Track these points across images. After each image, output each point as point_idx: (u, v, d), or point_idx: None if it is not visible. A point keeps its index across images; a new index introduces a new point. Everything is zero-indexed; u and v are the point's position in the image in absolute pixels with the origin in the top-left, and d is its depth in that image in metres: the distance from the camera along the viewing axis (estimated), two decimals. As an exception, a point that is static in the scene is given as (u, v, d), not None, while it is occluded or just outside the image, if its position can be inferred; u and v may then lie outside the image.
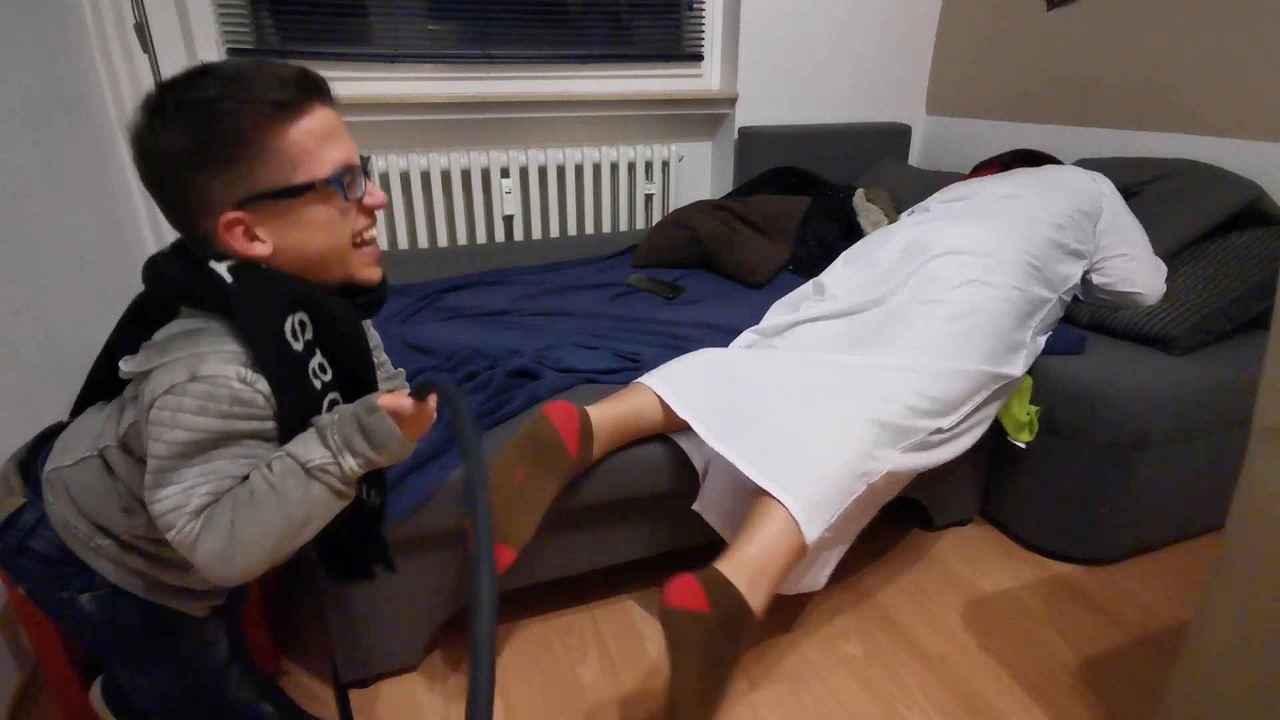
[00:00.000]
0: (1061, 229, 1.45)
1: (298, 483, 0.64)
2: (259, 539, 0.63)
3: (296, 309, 0.66)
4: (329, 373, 0.71)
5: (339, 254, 0.70)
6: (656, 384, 1.19)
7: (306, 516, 0.65)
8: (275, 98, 0.62)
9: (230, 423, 0.63)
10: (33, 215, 1.33)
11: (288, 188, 0.64)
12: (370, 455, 0.66)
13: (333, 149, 0.67)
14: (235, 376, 0.62)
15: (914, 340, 1.25)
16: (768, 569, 0.98)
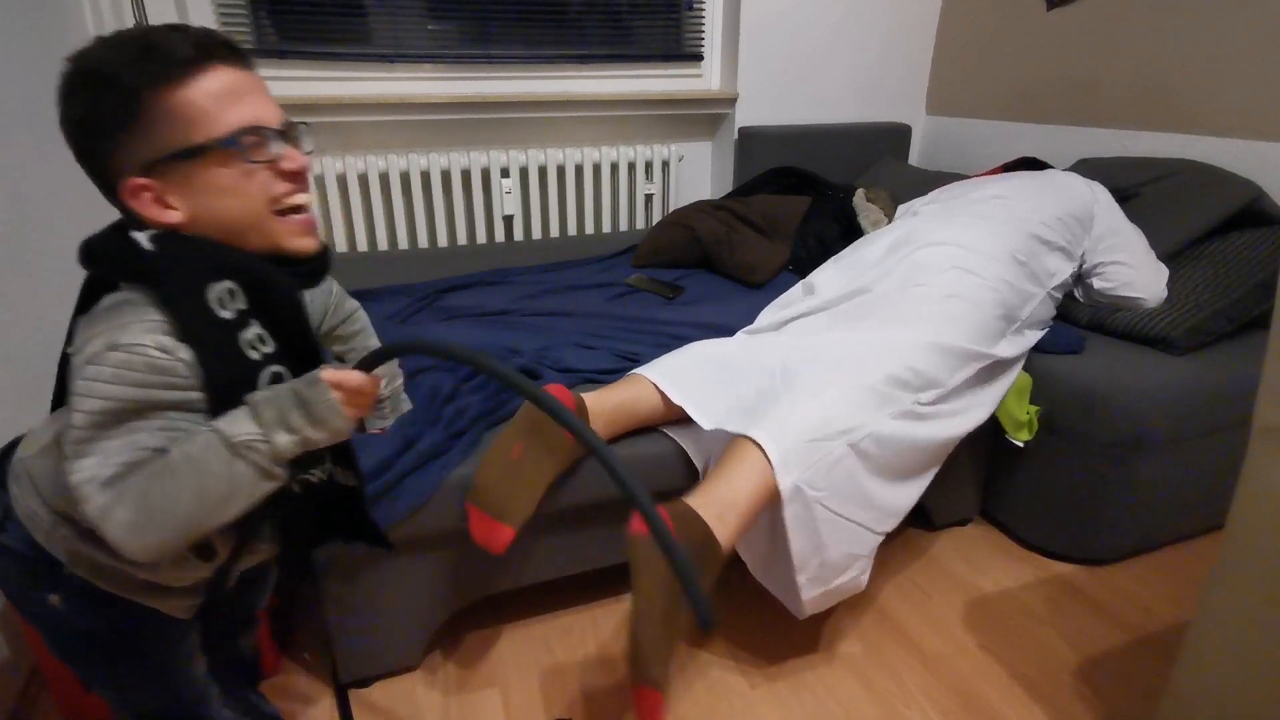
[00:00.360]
0: (1049, 227, 1.46)
1: (219, 458, 0.61)
2: (171, 512, 0.60)
3: (222, 276, 0.64)
4: (270, 344, 0.68)
5: (255, 220, 0.67)
6: (652, 373, 1.20)
7: (226, 494, 0.62)
8: (166, 59, 0.61)
9: (148, 392, 0.61)
10: (33, 215, 1.33)
11: (183, 149, 0.62)
12: (306, 431, 0.64)
13: (235, 109, 0.64)
14: (153, 344, 0.60)
15: (896, 317, 1.27)
16: (736, 504, 0.99)
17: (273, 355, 0.68)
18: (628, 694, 1.16)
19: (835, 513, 1.09)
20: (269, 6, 1.94)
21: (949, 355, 1.25)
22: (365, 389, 0.68)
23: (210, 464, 0.61)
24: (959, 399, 1.29)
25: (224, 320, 0.64)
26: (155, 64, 0.61)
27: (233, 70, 0.65)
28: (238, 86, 0.64)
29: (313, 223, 0.71)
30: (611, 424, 1.16)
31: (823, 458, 1.06)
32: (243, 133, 0.64)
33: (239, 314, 0.66)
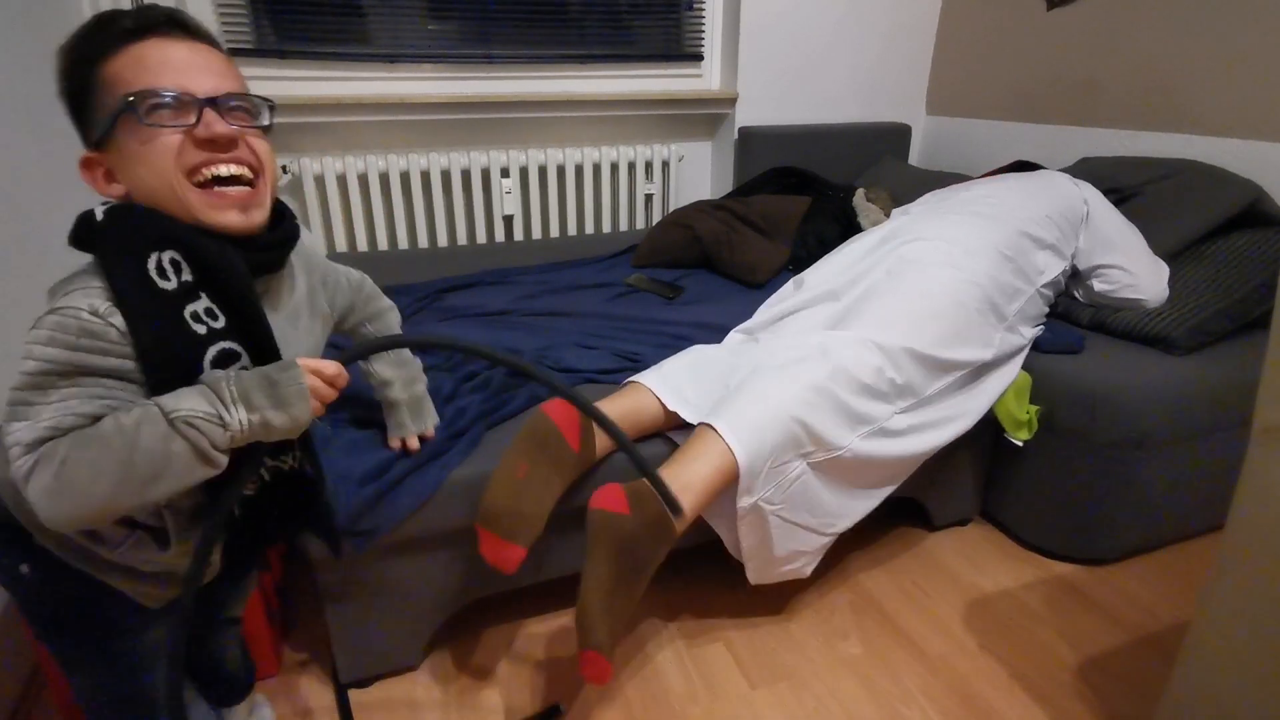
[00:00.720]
0: (1037, 225, 1.47)
1: (154, 433, 0.59)
2: (91, 483, 0.58)
3: (164, 246, 0.64)
4: (220, 319, 0.67)
5: (167, 191, 0.65)
6: (649, 380, 1.21)
7: (154, 473, 0.60)
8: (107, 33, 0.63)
9: (79, 355, 0.60)
10: (33, 215, 1.33)
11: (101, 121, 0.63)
12: (268, 413, 0.62)
13: (152, 76, 0.63)
14: (86, 308, 0.60)
15: (877, 319, 1.27)
16: (692, 485, 1.05)
17: (222, 331, 0.67)
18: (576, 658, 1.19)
19: (787, 520, 1.17)
20: (269, 6, 1.94)
21: (927, 363, 1.26)
22: (338, 381, 0.68)
23: (143, 438, 0.59)
24: (939, 407, 1.30)
25: (164, 290, 0.64)
26: (95, 40, 0.63)
27: (170, 41, 0.65)
28: (167, 57, 0.64)
29: (239, 197, 0.68)
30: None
31: (776, 437, 1.11)
32: (139, 92, 0.62)
33: (184, 285, 0.65)
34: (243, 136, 0.68)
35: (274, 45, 1.97)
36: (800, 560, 1.24)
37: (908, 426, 1.25)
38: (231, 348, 0.67)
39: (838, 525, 1.25)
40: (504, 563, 1.00)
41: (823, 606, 1.34)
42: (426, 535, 1.09)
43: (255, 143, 0.69)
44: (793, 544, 1.21)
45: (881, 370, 1.21)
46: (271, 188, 0.72)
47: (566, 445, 1.07)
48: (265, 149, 0.71)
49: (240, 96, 0.68)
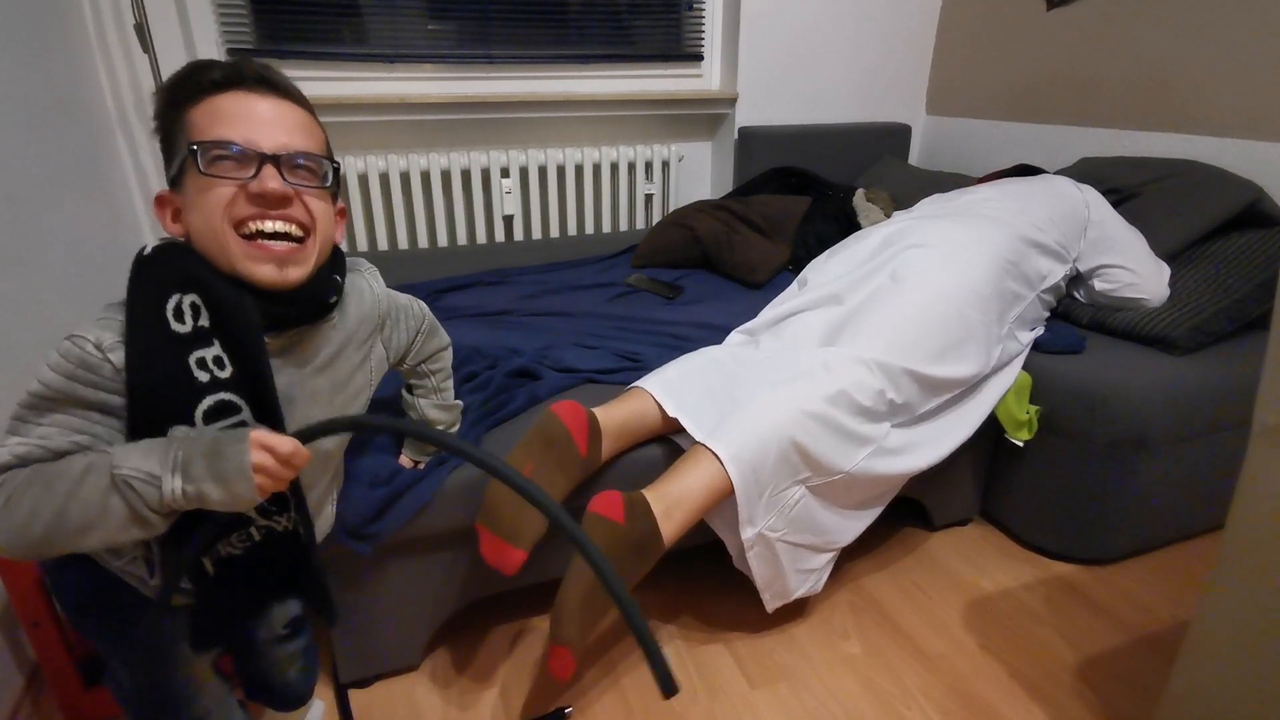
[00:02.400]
0: (1040, 230, 1.46)
1: (97, 486, 0.59)
2: (25, 524, 0.59)
3: (186, 288, 0.65)
4: (227, 369, 0.66)
5: (213, 236, 0.66)
6: (652, 386, 1.20)
7: (87, 523, 0.59)
8: (195, 83, 0.66)
9: (73, 385, 0.61)
10: (33, 215, 1.33)
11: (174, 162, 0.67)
12: (204, 485, 0.60)
13: (224, 127, 0.65)
14: (92, 339, 0.62)
15: (879, 334, 1.26)
16: (684, 503, 1.06)
17: (226, 381, 0.66)
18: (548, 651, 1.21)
19: (793, 543, 1.19)
20: (269, 6, 1.94)
21: (927, 383, 1.26)
22: (293, 460, 0.63)
23: (85, 488, 0.59)
24: (936, 422, 1.31)
25: (175, 333, 0.64)
26: (185, 87, 0.66)
27: (251, 96, 0.66)
28: (243, 110, 0.66)
29: (280, 252, 0.68)
30: (619, 439, 1.16)
31: (770, 456, 1.11)
32: (204, 143, 0.64)
33: (198, 330, 0.65)
34: (298, 195, 0.68)
35: (274, 45, 1.97)
36: (812, 579, 1.26)
37: (905, 443, 1.26)
38: (231, 400, 0.67)
39: (842, 540, 1.26)
40: (504, 565, 1.00)
41: (823, 606, 1.34)
42: (427, 536, 1.09)
43: (312, 202, 0.70)
44: (802, 564, 1.23)
45: (883, 392, 1.21)
46: (324, 246, 0.72)
47: (575, 448, 1.07)
48: (322, 209, 0.71)
49: (307, 156, 0.69)
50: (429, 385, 1.04)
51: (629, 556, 1.01)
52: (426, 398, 1.05)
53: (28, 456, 0.61)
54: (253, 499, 0.62)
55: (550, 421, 1.06)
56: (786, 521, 1.17)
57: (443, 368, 1.05)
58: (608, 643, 1.27)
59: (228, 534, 0.73)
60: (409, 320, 0.95)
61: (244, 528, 0.73)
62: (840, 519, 1.25)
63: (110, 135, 1.79)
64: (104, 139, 1.75)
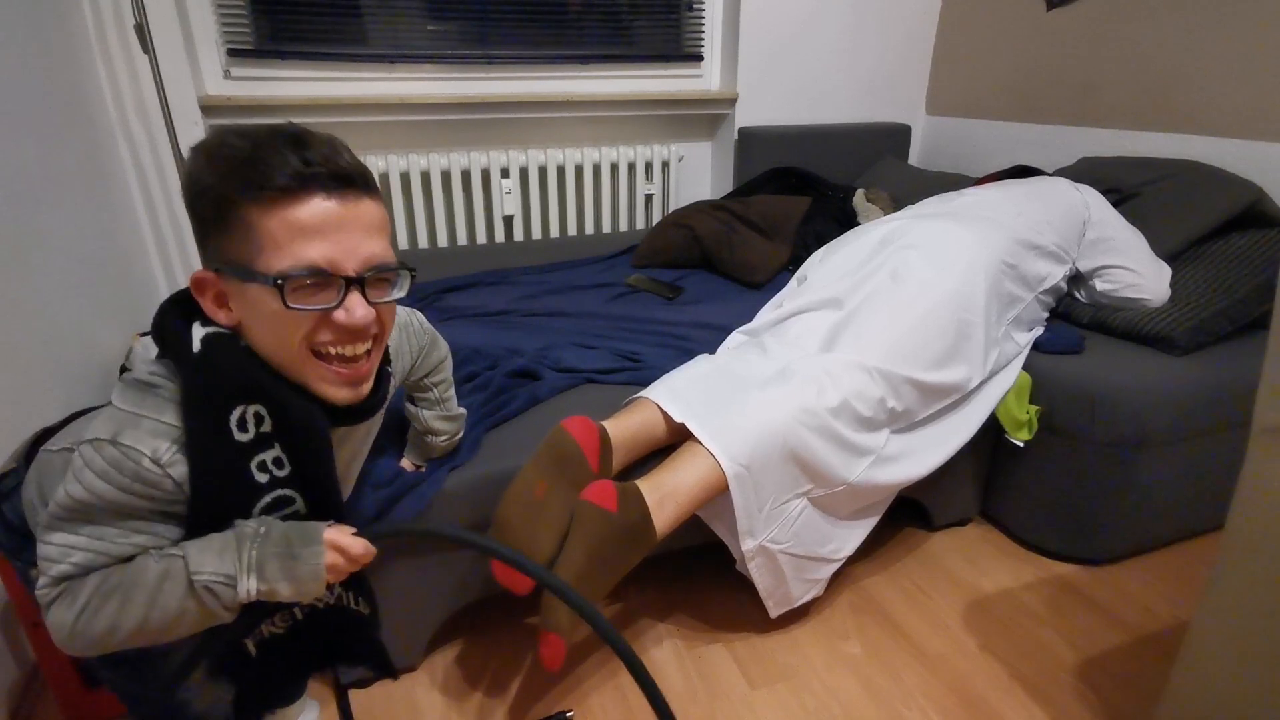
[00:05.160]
0: (1038, 232, 1.46)
1: (175, 590, 0.60)
2: (107, 634, 0.60)
3: (251, 399, 0.63)
4: (285, 469, 0.66)
5: (289, 359, 0.64)
6: (658, 396, 1.20)
7: (166, 627, 0.61)
8: (262, 179, 0.58)
9: (129, 498, 0.60)
10: (33, 215, 1.33)
11: (243, 270, 0.60)
12: (278, 585, 0.62)
13: (307, 247, 0.60)
14: (150, 454, 0.59)
15: (876, 339, 1.26)
16: (677, 495, 1.07)
17: (285, 479, 0.66)
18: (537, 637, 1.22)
19: (796, 555, 1.20)
20: (269, 6, 1.94)
21: (926, 390, 1.26)
22: (363, 560, 0.65)
23: (163, 596, 0.60)
24: (936, 426, 1.31)
25: (239, 443, 0.63)
26: (250, 180, 0.58)
27: (328, 202, 0.60)
28: (324, 221, 0.60)
29: (355, 375, 0.67)
30: (629, 452, 1.16)
31: (766, 455, 1.12)
32: (291, 275, 0.59)
33: (260, 436, 0.64)
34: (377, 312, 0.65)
35: (274, 45, 1.97)
36: (816, 586, 1.27)
37: (904, 449, 1.26)
38: (287, 495, 0.67)
39: (845, 550, 1.27)
40: (516, 585, 0.99)
41: (823, 607, 1.34)
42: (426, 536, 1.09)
43: (384, 313, 0.67)
44: (806, 574, 1.24)
45: (883, 401, 1.21)
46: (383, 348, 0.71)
47: (587, 465, 1.06)
48: (390, 314, 0.68)
49: (386, 268, 0.64)
50: (432, 397, 1.04)
51: (620, 545, 1.01)
52: (431, 409, 1.04)
53: (90, 565, 0.59)
54: (321, 594, 0.64)
55: (562, 438, 1.05)
56: (790, 534, 1.18)
57: (445, 378, 1.04)
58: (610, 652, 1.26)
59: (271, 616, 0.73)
60: (411, 340, 0.94)
61: (288, 608, 0.73)
62: (842, 529, 1.26)
63: (110, 135, 1.79)
64: (104, 139, 1.75)
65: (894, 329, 1.27)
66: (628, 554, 1.03)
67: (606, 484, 1.03)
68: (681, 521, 1.08)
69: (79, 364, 1.42)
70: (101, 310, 1.56)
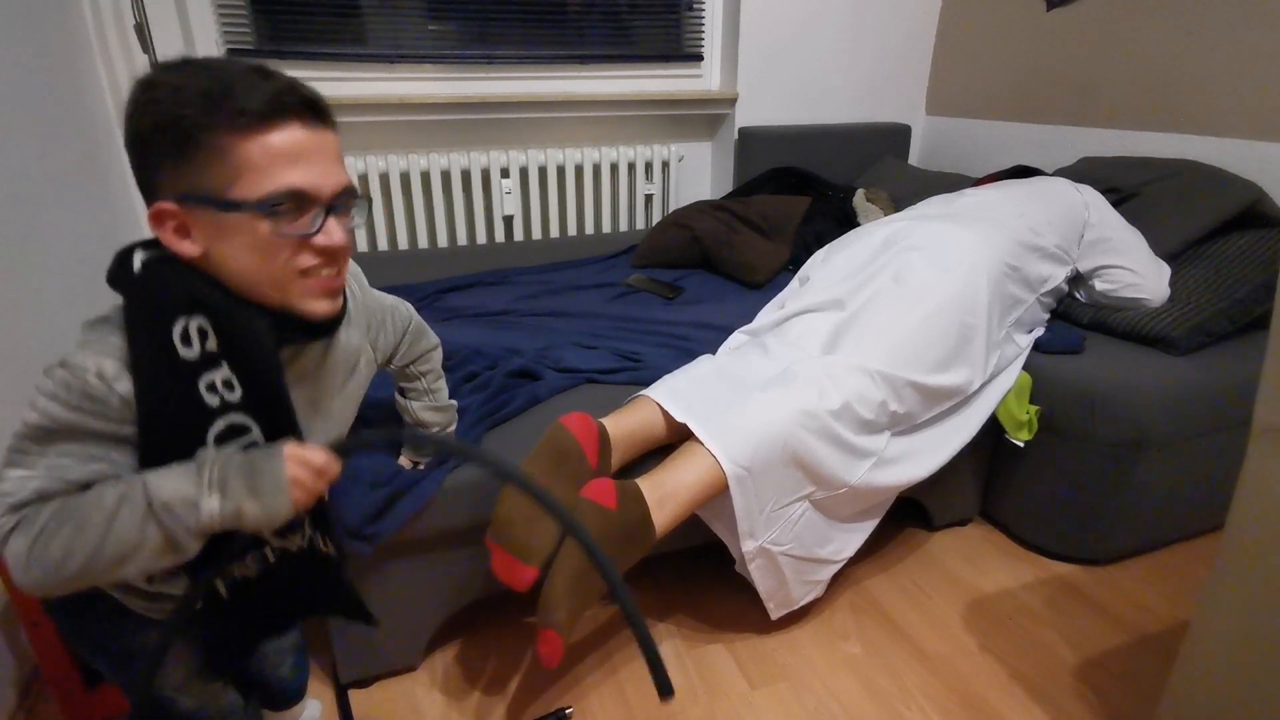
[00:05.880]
0: (1038, 234, 1.46)
1: (133, 516, 0.59)
2: (62, 559, 0.58)
3: (194, 312, 0.62)
4: (236, 391, 0.65)
5: (271, 281, 0.64)
6: (659, 395, 1.20)
7: (123, 556, 0.59)
8: (237, 105, 0.58)
9: (79, 416, 0.59)
10: (33, 215, 1.33)
11: (219, 199, 0.60)
12: (242, 501, 0.60)
13: (287, 172, 0.60)
14: (94, 370, 0.59)
15: (878, 341, 1.26)
16: (677, 494, 1.07)
17: (235, 404, 0.65)
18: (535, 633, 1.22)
19: (798, 557, 1.20)
20: (269, 6, 1.94)
21: (928, 393, 1.26)
22: (327, 472, 0.64)
23: (120, 521, 0.58)
24: (936, 427, 1.31)
25: (184, 359, 0.62)
26: (223, 108, 0.58)
27: (302, 129, 0.61)
28: (300, 148, 0.61)
29: (335, 286, 0.68)
30: (628, 449, 1.16)
31: (766, 457, 1.12)
32: (282, 199, 0.60)
33: (206, 354, 0.63)
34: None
35: (273, 45, 1.97)
36: (816, 588, 1.28)
37: (905, 451, 1.26)
38: (242, 422, 0.66)
39: (845, 551, 1.27)
40: (516, 582, 0.99)
41: (823, 606, 1.34)
42: (427, 536, 1.09)
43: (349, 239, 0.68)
44: (806, 575, 1.25)
45: (885, 404, 1.21)
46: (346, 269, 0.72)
47: (585, 461, 1.06)
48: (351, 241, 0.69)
49: (350, 193, 0.66)
50: (420, 387, 1.03)
51: (620, 543, 1.01)
52: (419, 400, 1.04)
53: (46, 491, 0.59)
54: (288, 513, 0.62)
55: (560, 435, 1.05)
56: (791, 536, 1.18)
57: (433, 369, 1.04)
58: (607, 642, 1.27)
59: (242, 556, 0.72)
60: (395, 321, 0.95)
61: (258, 549, 0.72)
62: (843, 530, 1.26)
63: (110, 135, 1.79)
64: (104, 139, 1.75)
65: (896, 331, 1.26)
66: (627, 553, 1.03)
67: (606, 482, 1.02)
68: (681, 521, 1.08)
69: (79, 364, 1.42)
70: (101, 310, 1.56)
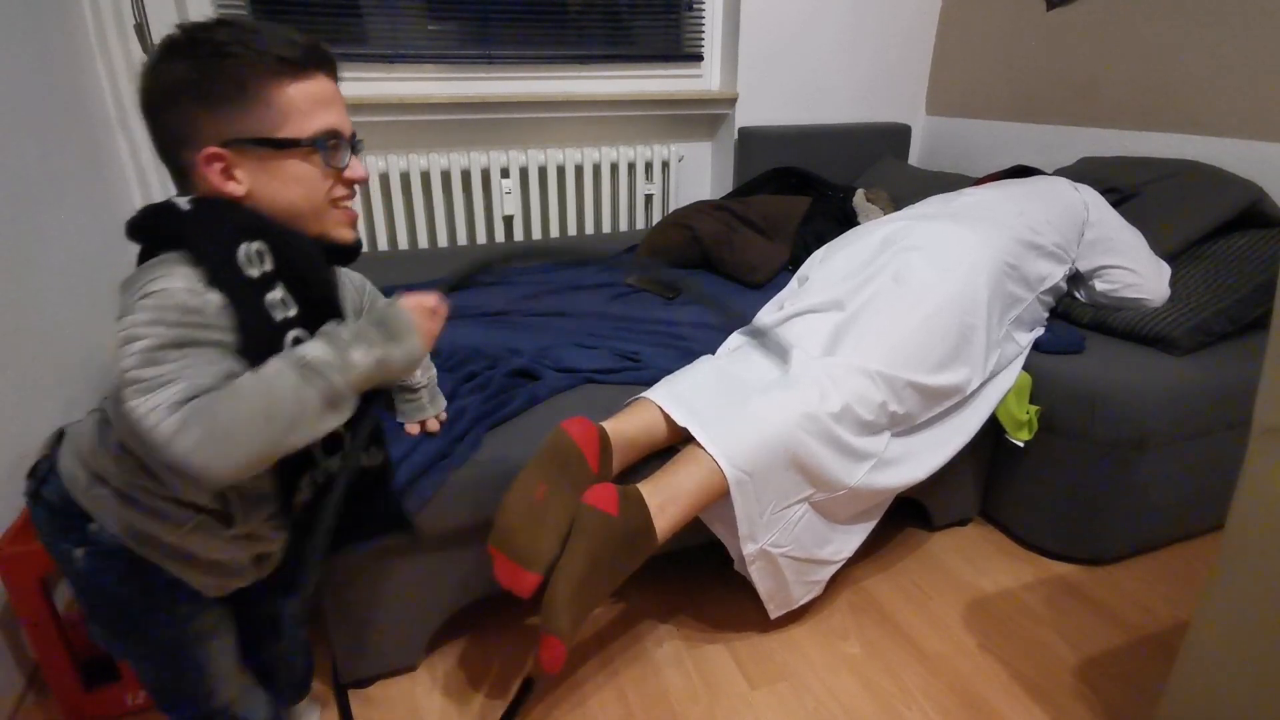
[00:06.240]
0: (1038, 232, 1.46)
1: (288, 382, 0.63)
2: (242, 432, 0.60)
3: (253, 236, 0.67)
4: (293, 309, 0.69)
5: (313, 211, 0.72)
6: (660, 398, 1.20)
7: (292, 421, 0.63)
8: (279, 54, 0.66)
9: (186, 330, 0.61)
10: (33, 215, 1.33)
11: (271, 139, 0.67)
12: (386, 348, 0.68)
13: (323, 114, 0.70)
14: (182, 287, 0.62)
15: (878, 342, 1.25)
16: (678, 499, 1.07)
17: (293, 319, 0.69)
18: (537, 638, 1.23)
19: (797, 558, 1.20)
20: (268, 6, 1.94)
21: (927, 393, 1.26)
22: (439, 311, 0.75)
23: (278, 388, 0.63)
24: (936, 428, 1.31)
25: (252, 278, 0.66)
26: (269, 55, 0.66)
27: (328, 81, 0.71)
28: (330, 95, 0.71)
29: (355, 216, 0.78)
30: (629, 452, 1.16)
31: (767, 461, 1.12)
32: (328, 137, 0.70)
33: (264, 275, 0.67)
34: None
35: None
36: (816, 588, 1.29)
37: (904, 452, 1.26)
38: (302, 335, 0.70)
39: (845, 552, 1.27)
40: (519, 588, 0.98)
41: (823, 607, 1.34)
42: (426, 536, 1.09)
43: None
44: (806, 576, 1.25)
45: (885, 405, 1.21)
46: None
47: (587, 466, 1.06)
48: None
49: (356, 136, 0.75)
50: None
51: (621, 548, 1.01)
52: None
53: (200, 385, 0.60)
54: (422, 353, 0.72)
55: (561, 440, 1.05)
56: (791, 538, 1.18)
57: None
58: (607, 642, 1.27)
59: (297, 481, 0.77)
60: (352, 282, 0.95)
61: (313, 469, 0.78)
62: (842, 531, 1.26)
63: (110, 135, 1.79)
64: (104, 139, 1.75)
65: (896, 332, 1.26)
66: (629, 557, 1.03)
67: (608, 487, 1.02)
68: (682, 525, 1.08)
69: (79, 364, 1.42)
70: (101, 310, 1.56)
